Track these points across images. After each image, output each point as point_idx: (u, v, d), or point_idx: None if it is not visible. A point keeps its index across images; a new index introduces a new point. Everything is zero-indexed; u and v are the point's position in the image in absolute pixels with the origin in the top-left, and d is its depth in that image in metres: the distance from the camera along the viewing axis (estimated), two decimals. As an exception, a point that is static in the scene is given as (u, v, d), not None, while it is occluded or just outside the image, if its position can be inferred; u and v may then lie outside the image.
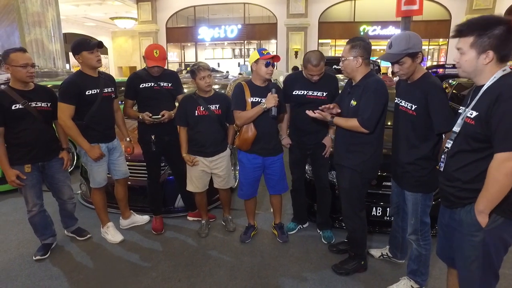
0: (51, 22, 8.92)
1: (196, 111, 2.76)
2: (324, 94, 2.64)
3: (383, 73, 12.69)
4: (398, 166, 2.14)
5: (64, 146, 2.75)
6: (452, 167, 1.54)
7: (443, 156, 1.60)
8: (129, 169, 3.11)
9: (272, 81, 2.76)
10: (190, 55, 18.79)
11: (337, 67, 2.59)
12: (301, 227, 3.14)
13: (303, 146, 2.80)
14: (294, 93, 2.72)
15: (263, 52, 2.55)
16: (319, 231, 3.03)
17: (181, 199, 3.35)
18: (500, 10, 13.48)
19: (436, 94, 1.90)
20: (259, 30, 16.78)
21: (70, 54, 2.81)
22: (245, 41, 17.68)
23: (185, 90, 4.01)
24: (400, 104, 2.10)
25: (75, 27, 17.76)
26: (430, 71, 2.07)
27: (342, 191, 2.41)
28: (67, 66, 11.10)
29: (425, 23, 13.88)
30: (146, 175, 3.12)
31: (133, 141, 3.07)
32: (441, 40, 15.87)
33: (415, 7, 8.87)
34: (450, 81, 6.38)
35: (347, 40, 2.27)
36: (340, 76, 4.76)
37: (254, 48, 18.33)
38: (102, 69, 2.88)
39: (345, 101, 2.32)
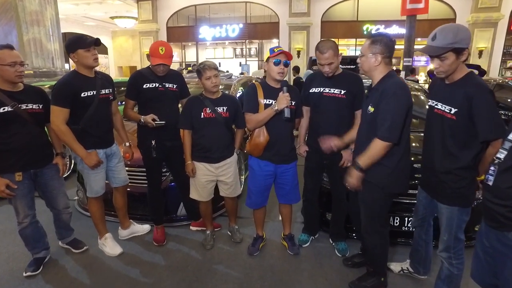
0: (49, 21, 8.72)
1: (202, 113, 2.55)
2: (342, 92, 2.43)
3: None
4: (432, 176, 1.92)
5: (57, 151, 2.53)
6: (505, 183, 1.31)
7: (492, 168, 1.37)
8: (129, 174, 2.89)
9: None
10: (191, 55, 18.57)
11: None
12: (313, 238, 2.93)
13: (320, 154, 2.56)
14: (311, 91, 2.53)
15: (275, 50, 2.33)
16: (332, 242, 2.83)
17: (184, 207, 3.15)
18: (506, 8, 13.24)
19: (483, 97, 1.67)
20: (261, 29, 16.54)
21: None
22: (247, 41, 17.46)
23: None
24: (436, 107, 1.87)
25: (74, 26, 17.54)
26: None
27: (363, 206, 2.18)
28: (66, 66, 10.88)
29: (429, 22, 13.60)
30: (146, 182, 2.90)
31: (133, 146, 2.85)
32: (445, 39, 15.64)
33: (421, 5, 8.65)
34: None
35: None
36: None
37: (256, 48, 18.13)
38: (102, 69, 2.67)
39: (364, 107, 2.11)
